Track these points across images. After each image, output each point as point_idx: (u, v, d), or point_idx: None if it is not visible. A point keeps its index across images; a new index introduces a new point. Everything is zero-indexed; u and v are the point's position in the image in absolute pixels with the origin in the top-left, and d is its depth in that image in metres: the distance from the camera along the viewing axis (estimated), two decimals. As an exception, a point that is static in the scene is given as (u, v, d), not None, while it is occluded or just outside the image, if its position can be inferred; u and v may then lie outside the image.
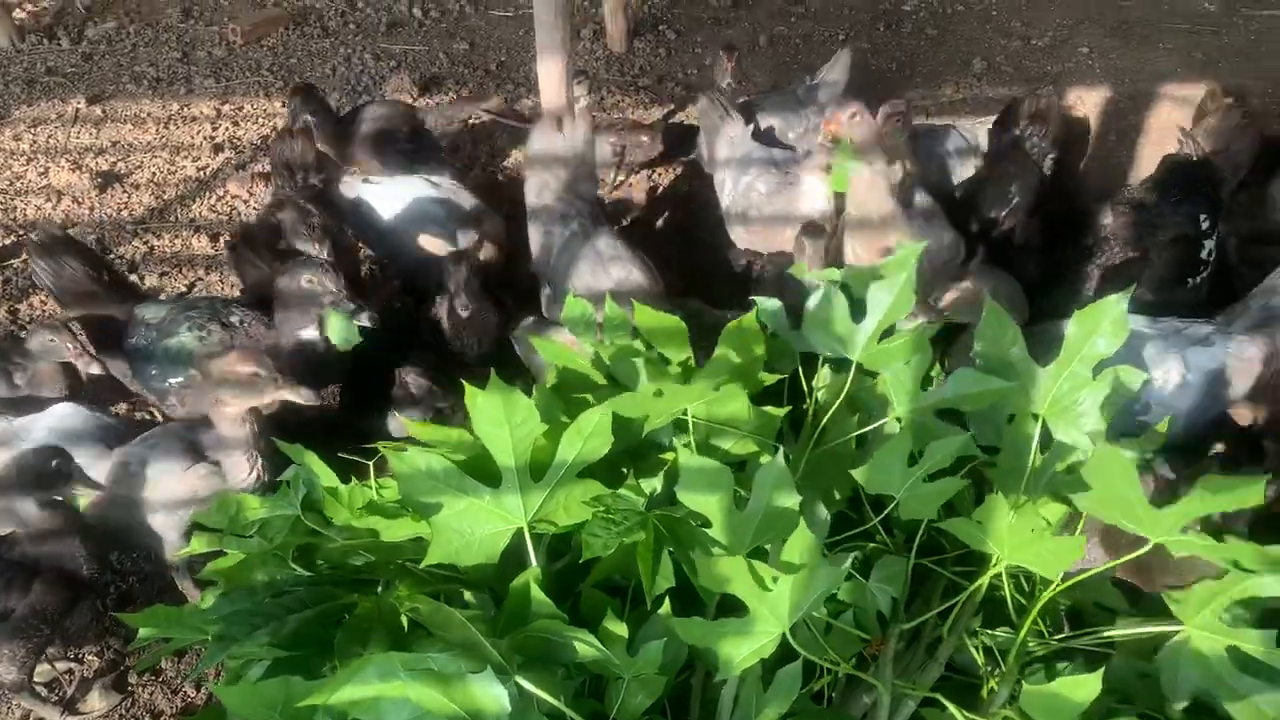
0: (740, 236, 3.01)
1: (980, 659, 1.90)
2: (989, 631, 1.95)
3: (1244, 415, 2.21)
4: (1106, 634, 1.82)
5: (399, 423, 2.39)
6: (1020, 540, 1.75)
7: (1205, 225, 2.59)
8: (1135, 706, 1.81)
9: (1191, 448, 2.15)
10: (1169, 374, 2.19)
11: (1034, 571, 1.79)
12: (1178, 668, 1.68)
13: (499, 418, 1.75)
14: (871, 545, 2.00)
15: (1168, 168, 2.75)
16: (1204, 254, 2.58)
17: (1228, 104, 2.87)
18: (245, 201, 3.61)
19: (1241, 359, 2.18)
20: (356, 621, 1.70)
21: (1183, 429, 2.19)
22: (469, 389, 1.80)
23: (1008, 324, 1.97)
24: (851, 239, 2.52)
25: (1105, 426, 1.89)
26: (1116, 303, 1.94)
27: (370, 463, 2.01)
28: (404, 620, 1.68)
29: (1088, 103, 3.84)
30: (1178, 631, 1.71)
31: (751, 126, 3.12)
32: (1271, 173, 2.80)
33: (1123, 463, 1.75)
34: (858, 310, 2.04)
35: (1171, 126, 3.62)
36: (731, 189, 3.08)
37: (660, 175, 3.61)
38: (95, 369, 2.47)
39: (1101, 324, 1.94)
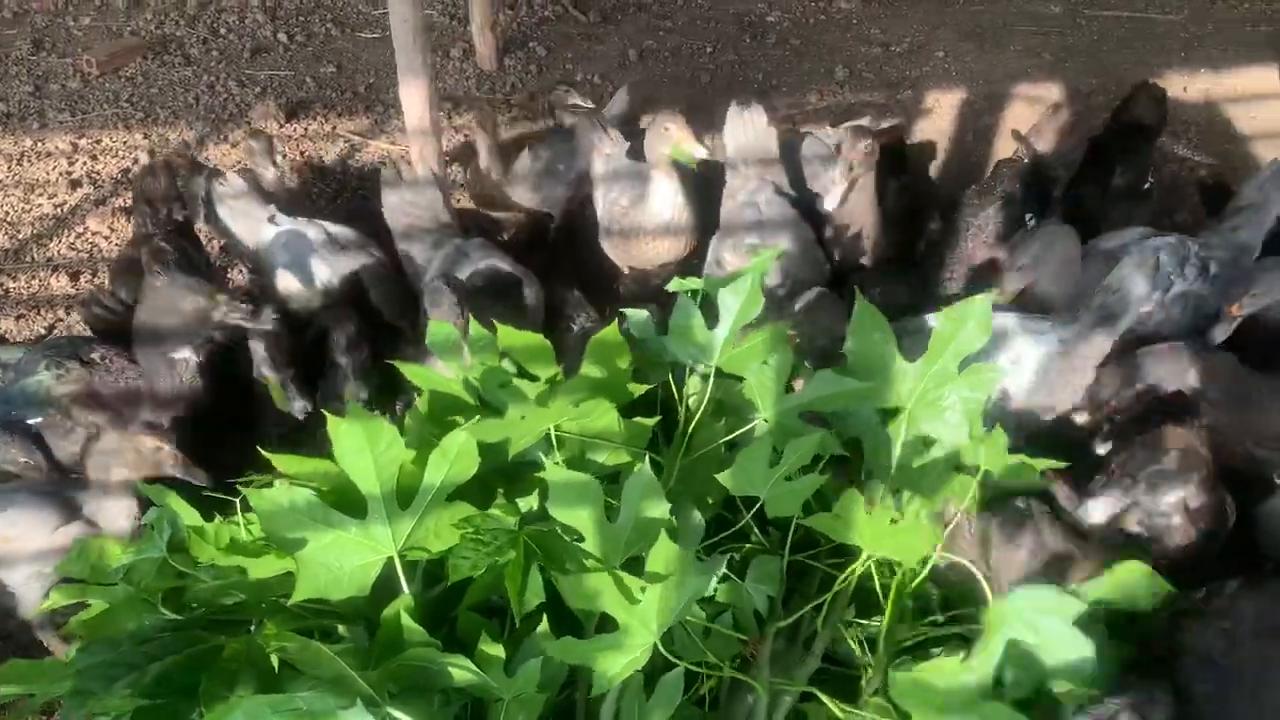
0: (610, 250, 3.03)
1: (858, 650, 1.95)
2: (863, 622, 2.00)
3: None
4: (947, 629, 1.88)
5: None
6: (879, 531, 1.81)
7: (1031, 223, 2.69)
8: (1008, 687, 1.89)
9: (1042, 439, 2.23)
10: (1007, 367, 2.27)
11: (896, 560, 1.84)
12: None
13: (361, 446, 1.73)
14: (748, 545, 2.04)
15: (999, 172, 2.86)
16: None
17: (1056, 105, 3.02)
18: (106, 238, 3.50)
19: (1079, 354, 2.27)
20: (224, 664, 1.65)
21: (1025, 422, 2.28)
22: (330, 419, 1.78)
23: (879, 322, 2.03)
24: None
25: (971, 422, 1.97)
26: (982, 300, 2.02)
27: (237, 499, 1.97)
28: (274, 660, 1.65)
29: (945, 105, 3.99)
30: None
31: (628, 145, 3.15)
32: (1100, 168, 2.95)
33: None
34: (716, 317, 2.08)
35: (1025, 125, 3.80)
36: (602, 203, 3.11)
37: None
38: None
39: (967, 322, 2.01)
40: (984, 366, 2.00)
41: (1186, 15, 4.51)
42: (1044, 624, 1.71)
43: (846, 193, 2.63)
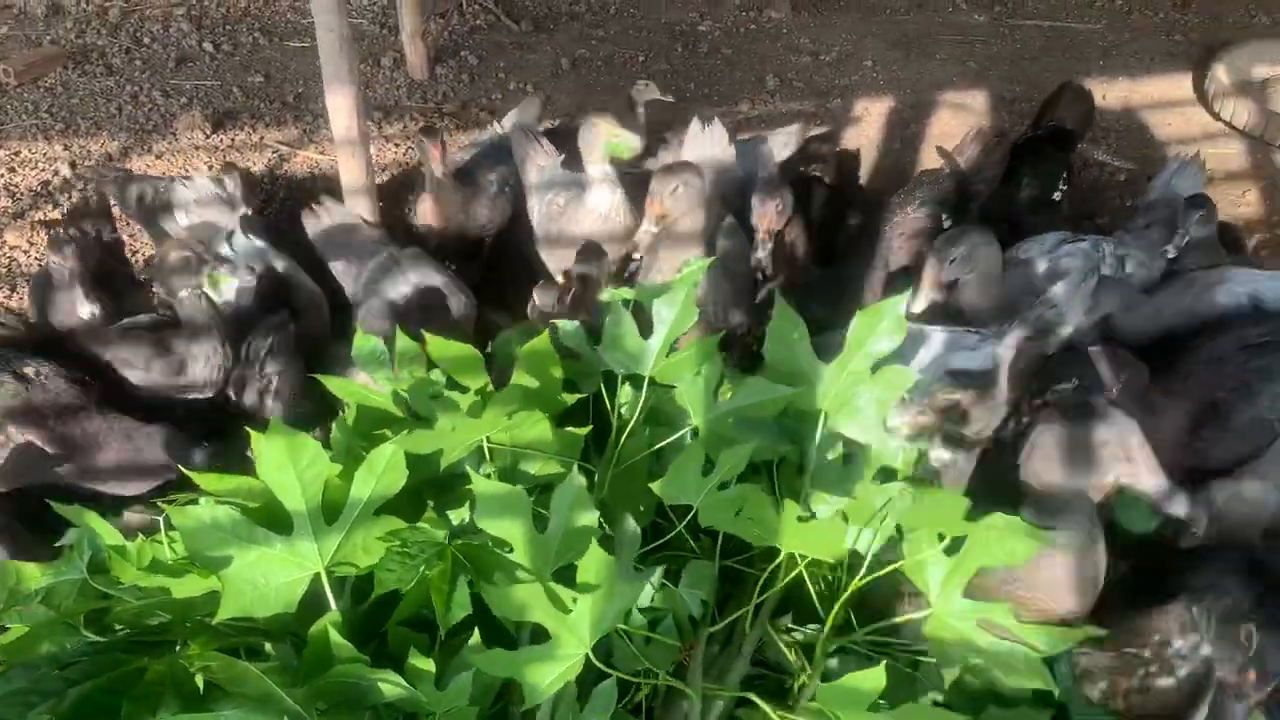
0: (546, 256, 3.03)
1: (792, 656, 1.97)
2: (801, 628, 2.02)
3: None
4: (869, 627, 1.90)
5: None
6: (792, 530, 1.83)
7: (948, 225, 2.73)
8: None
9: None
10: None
11: (811, 556, 1.86)
12: (943, 649, 1.78)
13: (284, 462, 1.71)
14: (682, 552, 2.05)
15: (920, 180, 2.92)
16: None
17: (980, 129, 3.11)
18: (25, 252, 3.40)
19: (1014, 367, 2.31)
20: (146, 686, 1.62)
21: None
22: (253, 434, 1.75)
23: (795, 323, 2.05)
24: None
25: (884, 421, 2.00)
26: (895, 304, 2.05)
27: (160, 518, 1.93)
28: (199, 680, 1.62)
29: (873, 113, 4.05)
30: (926, 616, 1.81)
31: (562, 156, 3.16)
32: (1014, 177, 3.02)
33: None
34: (650, 327, 2.09)
35: (950, 131, 3.88)
36: (538, 211, 3.11)
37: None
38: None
39: (881, 323, 2.04)
40: (895, 368, 2.03)
41: (1104, 24, 4.64)
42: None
43: (772, 251, 2.65)
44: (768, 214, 2.57)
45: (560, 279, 3.06)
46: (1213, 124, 4.03)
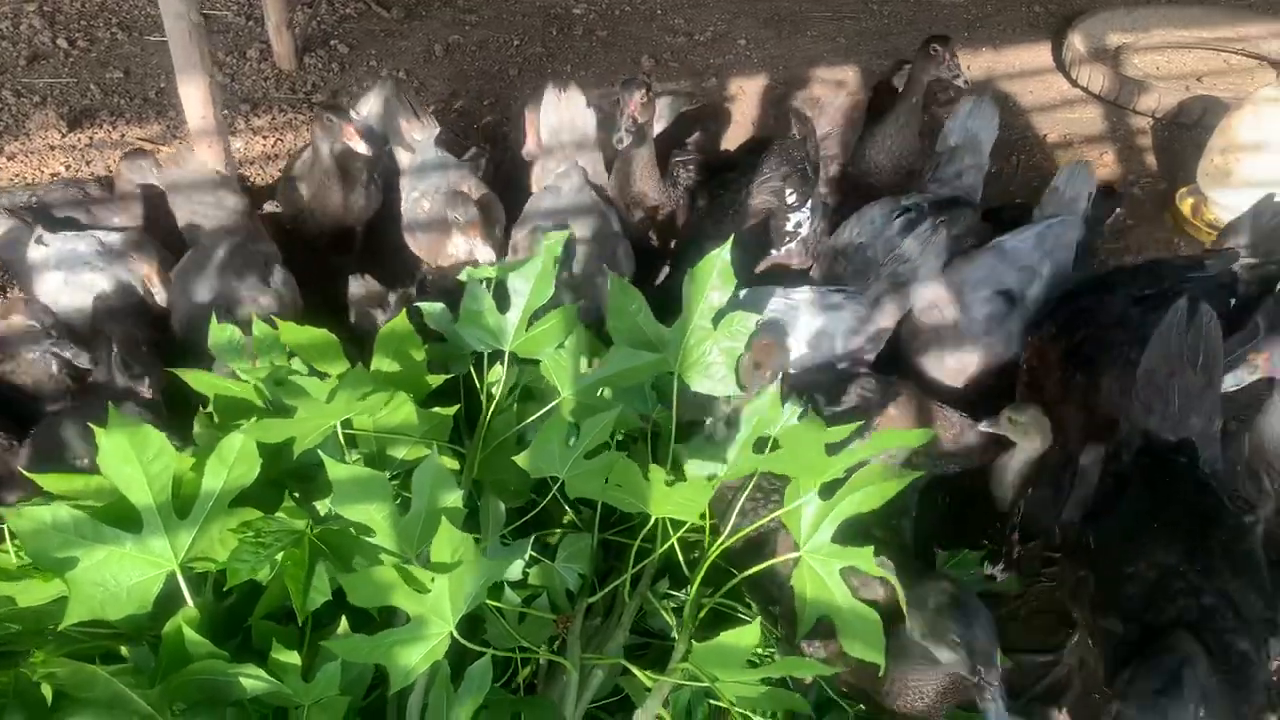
0: (412, 243, 2.98)
1: (672, 620, 1.98)
2: (675, 594, 2.03)
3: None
4: (743, 574, 1.91)
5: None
6: (660, 495, 1.84)
7: (792, 200, 2.75)
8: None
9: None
10: (806, 336, 2.35)
11: (681, 520, 1.87)
12: (804, 599, 1.80)
13: (127, 456, 1.64)
14: (563, 527, 2.04)
15: (763, 147, 2.94)
16: (790, 226, 2.75)
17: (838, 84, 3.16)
18: None
19: (876, 323, 2.37)
20: (-12, 700, 1.55)
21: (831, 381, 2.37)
22: (95, 429, 1.68)
23: (632, 296, 2.06)
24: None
25: (734, 373, 2.02)
26: (720, 255, 2.08)
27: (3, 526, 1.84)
28: (47, 689, 1.55)
29: (748, 90, 4.09)
30: (797, 558, 1.84)
31: (437, 131, 3.10)
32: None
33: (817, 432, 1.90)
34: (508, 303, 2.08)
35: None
36: (405, 199, 3.05)
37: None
38: None
39: (711, 277, 2.07)
40: (737, 315, 2.05)
41: (969, -3, 4.77)
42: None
43: (634, 142, 2.63)
44: (635, 101, 2.58)
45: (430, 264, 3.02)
46: (1071, 90, 4.17)
